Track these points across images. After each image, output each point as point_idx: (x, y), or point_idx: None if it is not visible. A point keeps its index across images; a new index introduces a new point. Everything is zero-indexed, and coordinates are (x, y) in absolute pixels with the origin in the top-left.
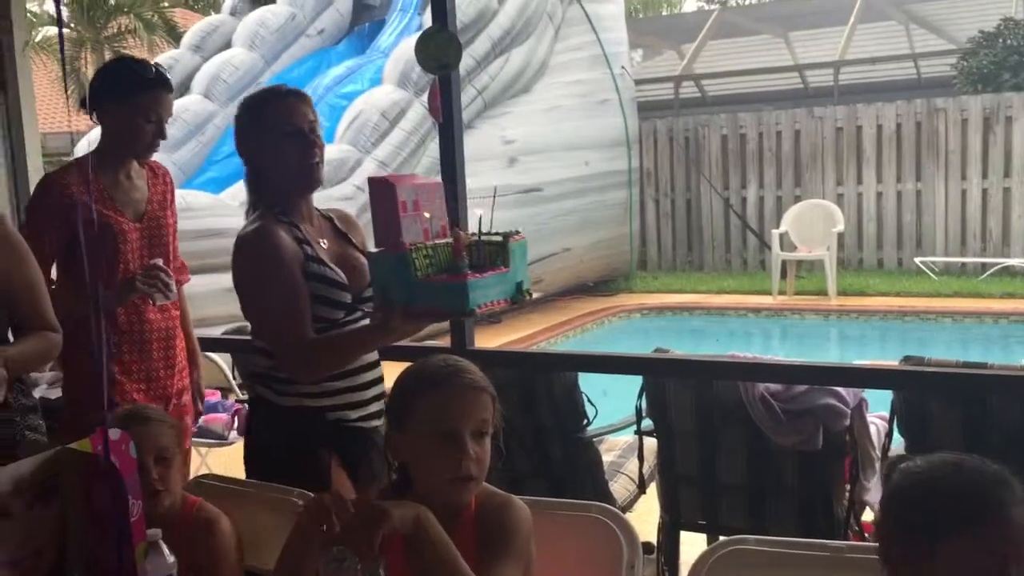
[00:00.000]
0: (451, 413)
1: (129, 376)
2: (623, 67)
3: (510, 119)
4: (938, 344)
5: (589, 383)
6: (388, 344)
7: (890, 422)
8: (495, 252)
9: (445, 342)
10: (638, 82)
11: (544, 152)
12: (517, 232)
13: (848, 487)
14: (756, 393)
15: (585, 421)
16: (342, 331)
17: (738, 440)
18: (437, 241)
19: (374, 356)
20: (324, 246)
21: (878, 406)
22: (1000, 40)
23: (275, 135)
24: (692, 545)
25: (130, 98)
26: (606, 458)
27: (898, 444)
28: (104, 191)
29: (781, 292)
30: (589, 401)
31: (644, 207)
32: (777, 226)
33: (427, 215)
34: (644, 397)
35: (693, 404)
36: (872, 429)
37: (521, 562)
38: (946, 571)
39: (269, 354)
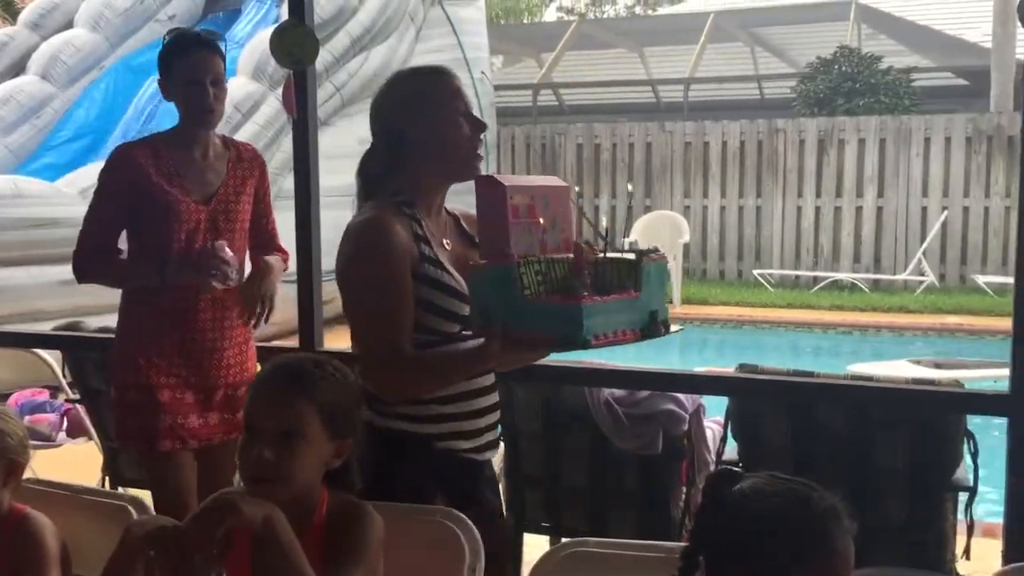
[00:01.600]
0: (251, 408)
1: (164, 359)
2: (483, 72)
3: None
4: (772, 352)
5: None
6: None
7: (725, 427)
8: (625, 273)
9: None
10: (497, 88)
11: None
12: (656, 250)
13: (684, 490)
14: (601, 398)
15: None
16: (437, 350)
17: (582, 444)
18: (554, 256)
19: (490, 379)
20: (447, 247)
21: (715, 411)
22: (836, 67)
23: (450, 111)
24: (536, 547)
25: (171, 69)
26: None
27: (732, 448)
28: (172, 167)
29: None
30: None
31: None
32: (627, 235)
33: (542, 222)
34: None
35: (540, 408)
36: (708, 434)
37: (367, 572)
38: None
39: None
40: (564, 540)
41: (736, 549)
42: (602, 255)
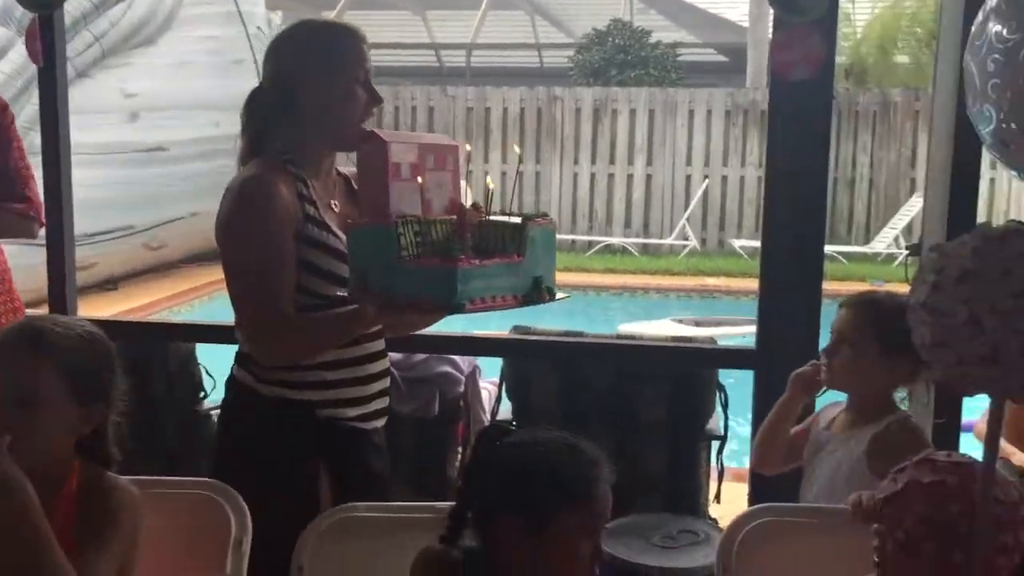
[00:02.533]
0: None
1: None
2: (259, 27)
3: (133, 71)
4: (546, 314)
5: (209, 355)
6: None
7: (499, 387)
8: (509, 237)
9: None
10: None
11: (170, 109)
12: (544, 215)
13: (460, 451)
14: None
15: (202, 394)
16: (312, 314)
17: None
18: (437, 217)
19: (379, 345)
20: (335, 209)
21: (491, 373)
22: (610, 39)
23: (348, 78)
24: None
25: None
26: None
27: (507, 408)
28: None
29: None
30: (208, 373)
31: None
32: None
33: (420, 181)
34: None
35: None
36: (484, 395)
37: (120, 547)
38: (552, 539)
39: None
40: (334, 508)
41: (504, 499)
42: (487, 218)
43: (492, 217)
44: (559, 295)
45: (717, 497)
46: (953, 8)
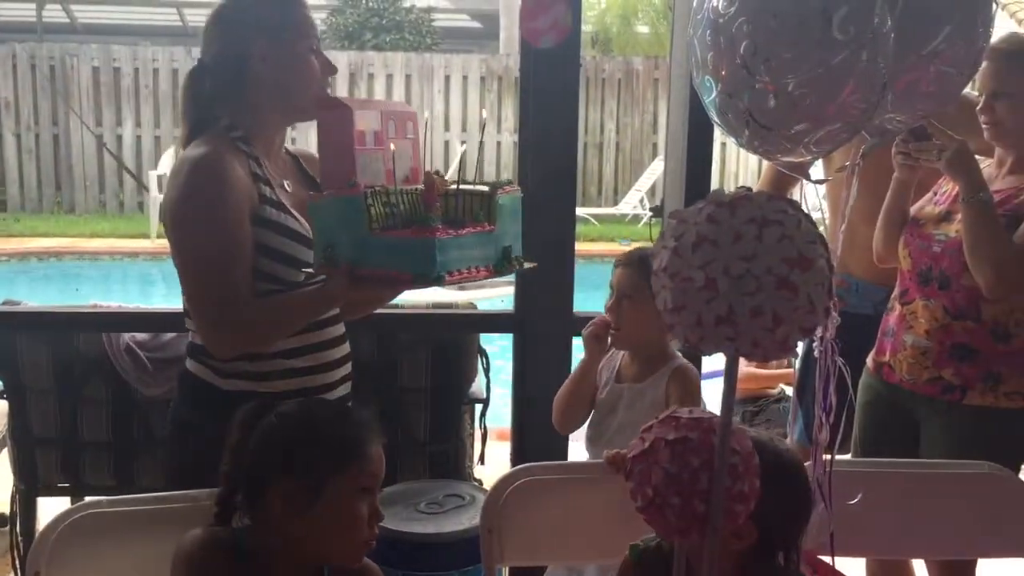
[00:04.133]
0: None
1: None
2: None
3: None
4: None
5: None
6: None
7: None
8: (479, 206)
9: None
10: None
11: None
12: (510, 182)
13: None
14: (122, 344)
15: None
16: (277, 297)
17: (102, 395)
18: (404, 187)
19: (341, 329)
20: (288, 189)
21: None
22: (363, 1)
23: (302, 48)
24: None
25: None
26: None
27: None
28: None
29: (160, 235)
30: None
31: (2, 141)
32: (155, 167)
33: (393, 150)
34: None
35: (50, 360)
36: None
37: None
38: (328, 503)
39: None
40: (71, 505)
41: (275, 471)
42: (455, 186)
43: (460, 186)
44: (527, 264)
45: (481, 459)
46: None
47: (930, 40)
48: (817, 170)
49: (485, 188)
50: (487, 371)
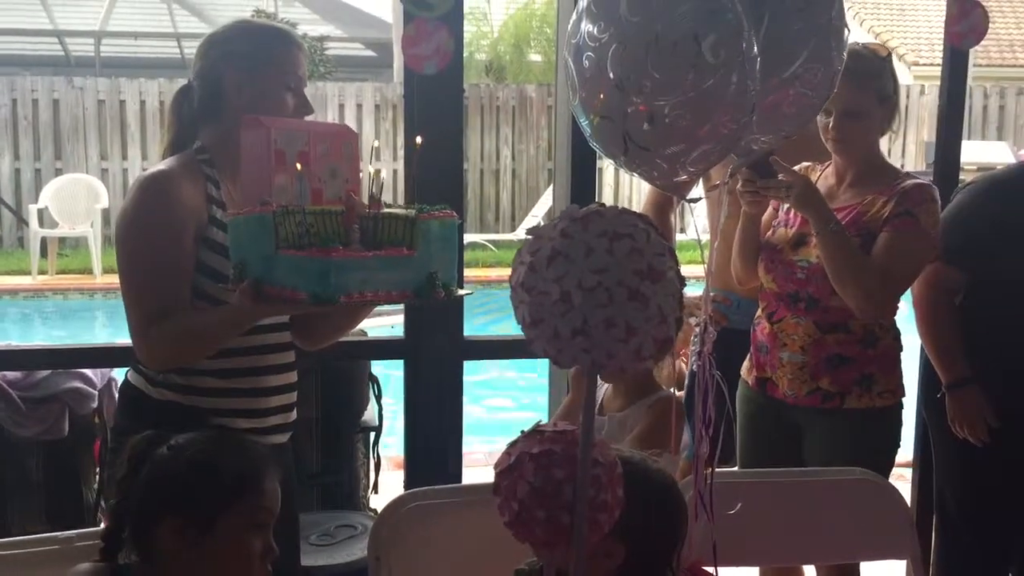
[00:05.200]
0: None
1: None
2: None
3: None
4: None
5: None
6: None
7: None
8: (402, 230)
9: None
10: None
11: None
12: (443, 208)
13: (99, 471)
14: None
15: None
16: (194, 314)
17: None
18: (328, 207)
19: (288, 357)
20: None
21: None
22: None
23: (276, 83)
24: None
25: None
26: None
27: None
28: None
29: (42, 272)
30: None
31: None
32: (36, 201)
33: (299, 168)
34: None
35: None
36: None
37: None
38: (220, 539)
39: None
40: None
41: (165, 506)
42: (382, 210)
43: (391, 209)
44: (461, 291)
45: (375, 488)
46: (568, 9)
47: (790, 64)
48: (697, 190)
49: (408, 212)
50: (379, 398)
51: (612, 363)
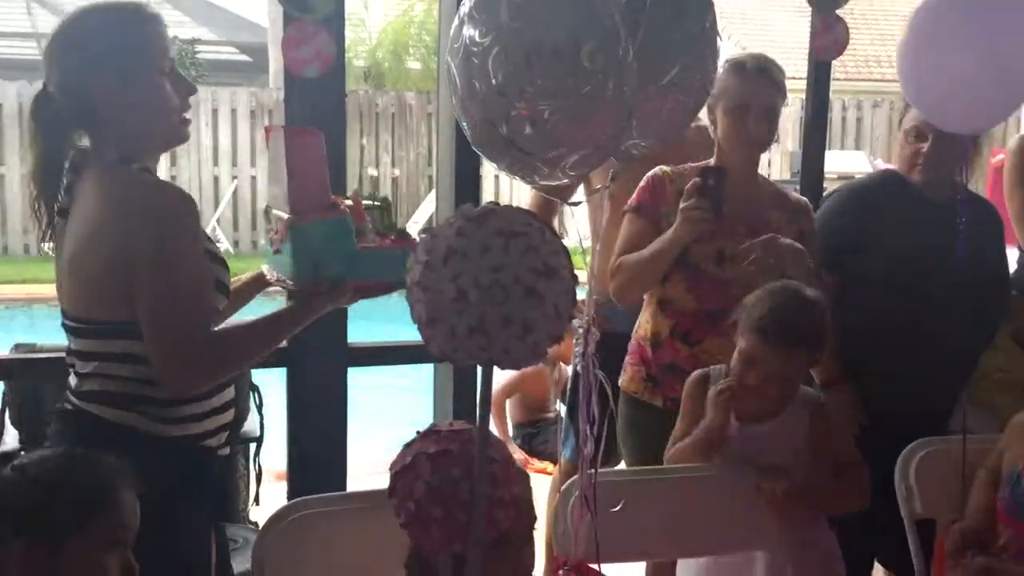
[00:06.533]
0: None
1: None
2: None
3: None
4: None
5: None
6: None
7: (2, 414)
8: (383, 221)
9: None
10: None
11: None
12: (383, 198)
13: None
14: None
15: None
16: (248, 321)
17: None
18: (368, 202)
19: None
20: None
21: None
22: None
23: (148, 77)
24: None
25: None
26: None
27: (13, 436)
28: None
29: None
30: None
31: None
32: None
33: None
34: None
35: None
36: None
37: None
38: (72, 560)
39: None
40: None
41: (11, 530)
42: (372, 203)
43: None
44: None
45: (256, 500)
46: (449, 14)
47: (666, 72)
48: (579, 194)
49: (378, 203)
50: (260, 408)
51: (508, 359)
